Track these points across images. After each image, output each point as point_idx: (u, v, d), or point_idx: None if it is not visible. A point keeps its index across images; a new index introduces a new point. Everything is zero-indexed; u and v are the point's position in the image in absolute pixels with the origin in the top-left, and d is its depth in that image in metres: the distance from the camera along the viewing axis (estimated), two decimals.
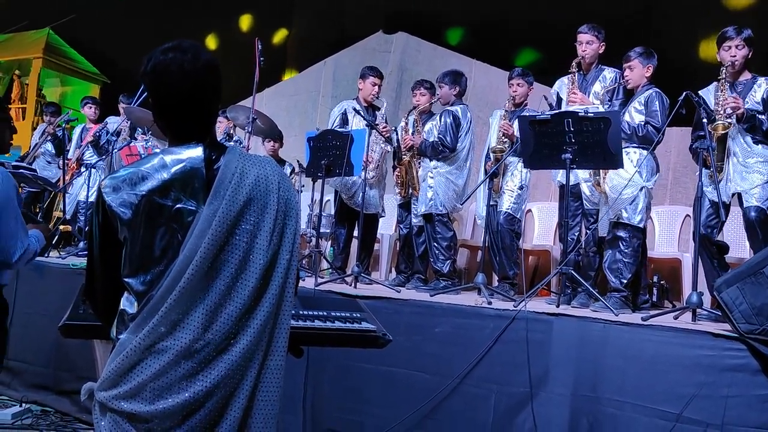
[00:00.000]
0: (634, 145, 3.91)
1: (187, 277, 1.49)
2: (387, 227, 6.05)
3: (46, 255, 4.91)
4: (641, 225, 3.91)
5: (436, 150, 4.76)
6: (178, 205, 1.53)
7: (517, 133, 4.23)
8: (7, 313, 2.80)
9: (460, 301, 3.78)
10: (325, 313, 2.30)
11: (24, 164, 6.41)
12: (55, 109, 7.63)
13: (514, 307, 3.41)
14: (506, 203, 4.52)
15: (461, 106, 4.86)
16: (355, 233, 5.22)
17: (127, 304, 1.58)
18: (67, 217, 5.92)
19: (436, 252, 4.70)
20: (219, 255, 1.53)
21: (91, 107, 6.89)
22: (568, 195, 3.95)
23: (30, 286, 4.62)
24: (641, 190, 3.87)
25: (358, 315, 2.36)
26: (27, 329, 4.58)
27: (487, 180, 4.12)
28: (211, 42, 13.47)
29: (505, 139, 4.55)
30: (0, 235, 2.61)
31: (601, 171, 3.96)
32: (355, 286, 4.20)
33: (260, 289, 1.57)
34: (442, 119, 4.81)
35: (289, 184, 1.69)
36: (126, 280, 1.54)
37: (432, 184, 4.76)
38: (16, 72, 14.64)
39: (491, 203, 4.40)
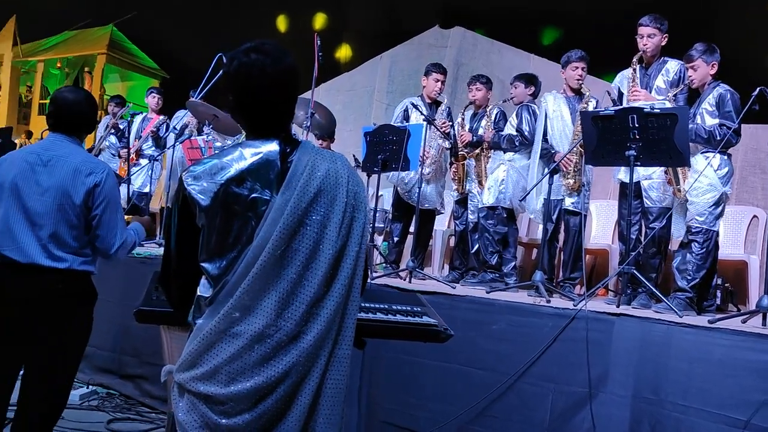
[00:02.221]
0: (713, 149, 3.80)
1: (260, 263, 1.55)
2: (440, 223, 6.04)
3: None
4: (716, 228, 3.84)
5: (512, 142, 4.73)
6: (253, 195, 1.59)
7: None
8: (95, 301, 2.91)
9: (518, 298, 3.75)
10: (386, 306, 2.32)
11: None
12: (119, 101, 7.85)
13: (574, 306, 3.37)
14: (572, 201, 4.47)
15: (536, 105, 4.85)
16: (411, 228, 5.24)
17: (203, 289, 1.65)
18: (127, 207, 6.12)
19: (486, 243, 4.70)
20: (290, 243, 1.58)
21: (155, 97, 7.04)
22: (632, 193, 3.87)
23: (97, 274, 4.81)
24: (721, 195, 3.79)
25: (419, 309, 2.38)
26: (95, 315, 4.78)
27: (548, 176, 4.07)
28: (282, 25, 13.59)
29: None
30: (103, 227, 2.72)
31: (679, 173, 3.89)
32: (410, 281, 4.22)
33: (329, 279, 1.61)
34: (521, 113, 4.79)
35: (359, 179, 1.73)
36: (203, 265, 1.61)
37: (503, 177, 4.73)
38: (87, 68, 15.22)
39: (557, 198, 4.34)
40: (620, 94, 4.35)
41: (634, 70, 4.17)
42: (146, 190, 6.28)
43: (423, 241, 5.16)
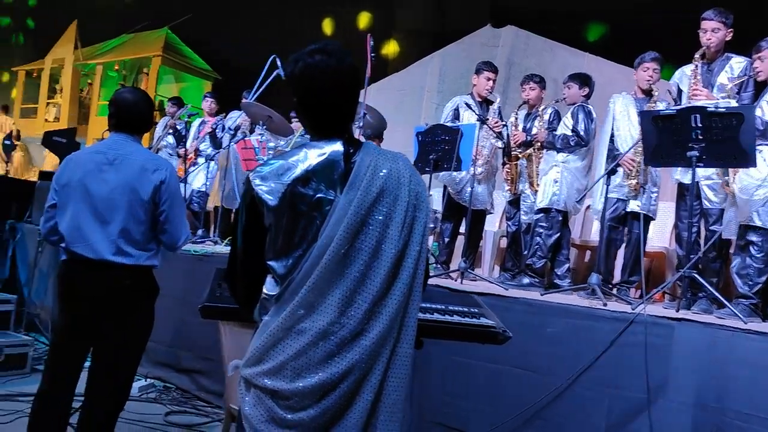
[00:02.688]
0: (767, 142, 3.66)
1: (324, 261, 1.58)
2: (491, 224, 6.00)
3: None
4: None
5: (567, 142, 4.66)
6: (318, 195, 1.62)
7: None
8: (157, 295, 3.02)
9: (571, 301, 3.70)
10: (442, 307, 2.33)
11: None
12: (177, 102, 8.05)
13: (632, 310, 3.30)
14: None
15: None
16: (461, 229, 5.22)
17: (269, 286, 1.69)
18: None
19: (536, 247, 4.64)
20: (353, 242, 1.60)
21: (209, 101, 7.25)
22: (693, 194, 3.76)
23: (156, 271, 4.96)
24: None
25: (476, 310, 2.37)
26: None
27: (605, 176, 4.00)
28: (328, 29, 13.81)
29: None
30: (170, 222, 2.84)
31: (730, 171, 3.74)
32: (461, 282, 4.21)
33: (391, 277, 1.63)
34: (577, 113, 4.70)
35: (420, 179, 1.74)
36: (269, 263, 1.64)
37: (557, 178, 4.66)
38: (144, 70, 15.67)
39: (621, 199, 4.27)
40: (679, 92, 4.23)
41: (696, 66, 4.04)
42: (202, 189, 6.43)
43: (474, 242, 5.13)
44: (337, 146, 1.67)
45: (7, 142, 9.60)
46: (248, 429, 1.61)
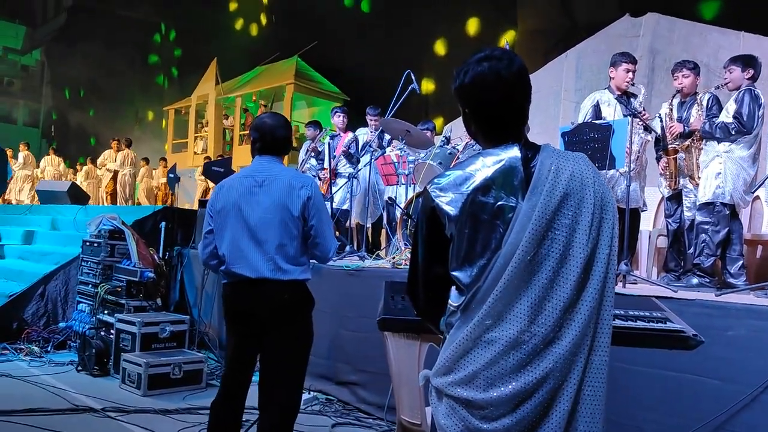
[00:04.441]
0: None
1: (510, 269, 1.56)
2: (645, 222, 5.68)
3: None
4: None
5: (727, 131, 4.34)
6: (499, 202, 1.61)
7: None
8: (313, 306, 3.14)
9: (753, 301, 3.39)
10: (623, 312, 2.22)
11: None
12: (316, 125, 8.38)
13: None
14: None
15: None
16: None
17: (454, 297, 1.70)
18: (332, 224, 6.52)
19: (702, 245, 4.31)
20: (539, 249, 1.57)
21: (339, 116, 7.38)
22: None
23: (311, 286, 5.19)
24: None
25: (659, 314, 2.25)
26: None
27: None
28: (440, 47, 14.05)
29: None
30: (320, 235, 2.97)
31: None
32: (624, 285, 4.01)
33: (581, 283, 1.59)
34: (742, 97, 4.37)
35: (603, 180, 1.69)
36: (454, 273, 1.65)
37: (720, 170, 4.35)
38: (262, 102, 16.55)
39: None
40: None
41: None
42: (345, 207, 6.64)
43: (632, 243, 4.88)
44: (514, 151, 1.66)
45: (171, 176, 10.56)
46: None
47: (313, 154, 7.70)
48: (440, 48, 14.26)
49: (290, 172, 3.04)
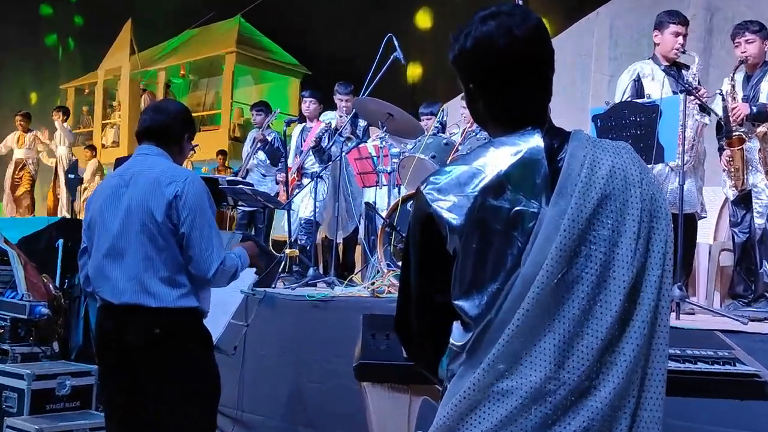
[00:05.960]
0: None
1: (531, 297, 1.56)
2: (704, 233, 5.75)
3: (273, 286, 5.47)
4: None
5: None
6: (516, 208, 1.61)
7: None
8: (210, 346, 3.16)
9: None
10: (678, 351, 2.25)
11: (239, 179, 7.23)
12: (262, 108, 8.30)
13: None
14: None
15: None
16: None
17: (457, 333, 1.69)
18: (292, 238, 6.51)
19: None
20: (569, 269, 1.57)
21: (307, 102, 7.30)
22: None
23: (261, 323, 5.16)
24: None
25: (725, 353, 2.28)
26: (260, 375, 5.12)
27: None
28: (423, 19, 14.09)
29: None
30: (194, 247, 2.96)
31: None
32: (678, 316, 4.05)
33: (625, 314, 1.59)
34: None
35: (653, 178, 1.70)
36: (457, 303, 1.65)
37: None
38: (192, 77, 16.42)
39: None
40: None
41: None
42: (308, 215, 6.63)
43: (688, 259, 4.92)
44: (536, 140, 1.66)
45: (71, 177, 10.34)
46: None
47: (260, 145, 7.68)
48: (423, 20, 14.28)
49: (164, 166, 3.08)
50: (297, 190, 6.70)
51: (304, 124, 7.36)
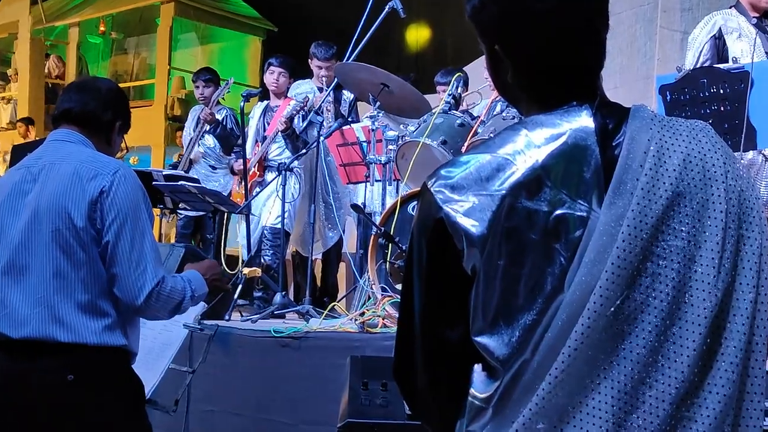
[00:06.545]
0: None
1: (579, 332, 1.56)
2: None
3: (226, 318, 5.47)
4: None
5: None
6: (558, 211, 1.62)
7: None
8: (142, 398, 3.18)
9: None
10: None
11: (180, 173, 7.21)
12: (210, 77, 8.31)
13: None
14: None
15: None
16: None
17: (479, 381, 1.71)
18: (251, 253, 6.51)
19: None
20: (630, 294, 1.58)
21: (276, 73, 7.28)
22: None
23: (211, 369, 5.17)
24: None
25: None
26: None
27: None
28: None
29: None
30: (121, 262, 2.95)
31: None
32: None
33: (707, 355, 1.60)
34: None
35: (742, 170, 1.71)
36: (478, 340, 1.66)
37: None
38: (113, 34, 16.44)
39: None
40: None
41: None
42: (275, 222, 6.64)
43: None
44: (584, 119, 1.67)
45: None
46: None
47: (208, 127, 7.67)
48: None
49: (86, 155, 3.09)
50: (258, 189, 6.71)
51: (267, 101, 7.36)
